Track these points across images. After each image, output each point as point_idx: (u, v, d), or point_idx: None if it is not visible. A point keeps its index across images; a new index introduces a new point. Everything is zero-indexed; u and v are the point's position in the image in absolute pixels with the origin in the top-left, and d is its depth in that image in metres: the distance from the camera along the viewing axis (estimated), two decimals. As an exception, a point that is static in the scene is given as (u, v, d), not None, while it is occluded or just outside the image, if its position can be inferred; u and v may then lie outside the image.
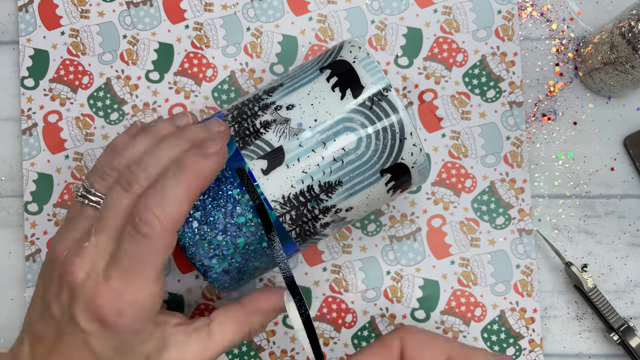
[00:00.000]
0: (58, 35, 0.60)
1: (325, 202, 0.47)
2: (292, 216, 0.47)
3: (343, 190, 0.47)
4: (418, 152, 0.47)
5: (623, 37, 0.52)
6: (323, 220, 0.48)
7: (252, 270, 0.49)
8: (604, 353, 0.59)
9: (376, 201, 0.49)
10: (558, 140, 0.60)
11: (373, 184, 0.47)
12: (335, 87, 0.47)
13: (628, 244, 0.60)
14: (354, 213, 0.49)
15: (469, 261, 0.59)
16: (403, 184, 0.49)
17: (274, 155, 0.46)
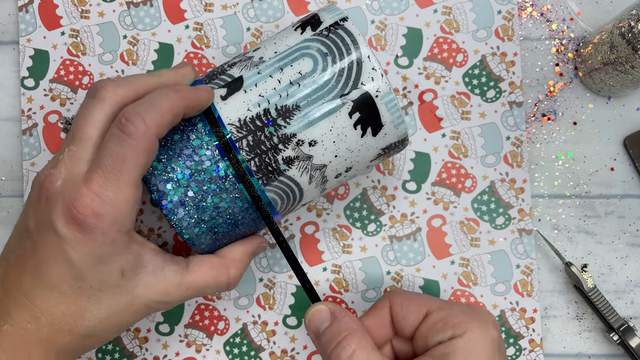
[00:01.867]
0: (58, 36, 0.60)
1: (284, 129, 0.46)
2: (250, 142, 0.46)
3: (302, 116, 0.46)
4: (380, 78, 0.46)
5: (623, 37, 0.52)
6: (284, 153, 0.47)
7: (212, 208, 0.47)
8: (603, 353, 0.59)
9: (344, 139, 0.47)
10: (558, 140, 0.60)
11: (334, 112, 0.47)
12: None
13: (628, 244, 0.60)
14: (321, 152, 0.47)
15: (469, 261, 0.59)
16: (371, 119, 0.47)
17: (233, 84, 0.47)
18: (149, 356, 0.59)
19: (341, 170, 0.49)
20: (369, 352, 0.45)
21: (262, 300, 0.59)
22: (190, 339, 0.59)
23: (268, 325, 0.59)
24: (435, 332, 0.46)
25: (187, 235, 0.47)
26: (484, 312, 0.47)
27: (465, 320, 0.46)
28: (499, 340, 0.46)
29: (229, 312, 0.59)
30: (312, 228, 0.59)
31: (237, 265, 0.49)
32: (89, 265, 0.43)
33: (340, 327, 0.46)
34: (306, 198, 0.50)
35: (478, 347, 0.44)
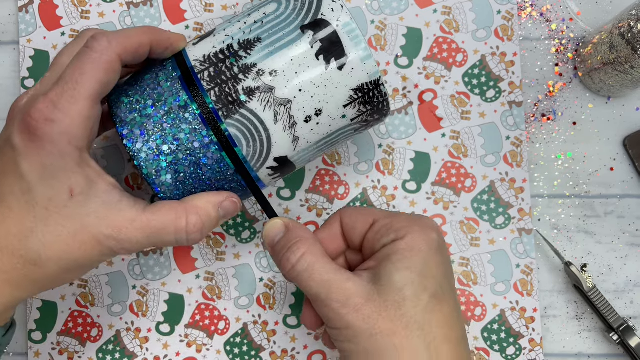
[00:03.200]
0: (58, 36, 0.60)
1: (244, 59, 0.46)
2: (211, 73, 0.46)
3: (263, 47, 0.46)
4: (340, 9, 0.46)
5: (622, 37, 0.52)
6: (245, 83, 0.46)
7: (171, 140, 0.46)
8: (603, 353, 0.59)
9: (307, 70, 0.46)
10: (557, 140, 0.60)
11: (295, 42, 0.46)
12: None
13: (627, 244, 0.60)
14: (283, 83, 0.46)
15: (469, 261, 0.59)
16: (333, 49, 0.46)
17: (206, 35, 0.48)
18: (149, 356, 0.59)
19: (310, 111, 0.47)
20: (319, 256, 0.47)
21: (262, 300, 0.59)
22: (190, 338, 0.59)
23: (268, 325, 0.59)
24: (380, 237, 0.49)
25: (145, 170, 0.46)
26: (425, 219, 0.50)
27: (407, 224, 0.48)
28: (438, 242, 0.48)
29: (230, 312, 0.59)
30: (312, 228, 0.59)
31: (199, 212, 0.47)
32: (38, 177, 0.43)
33: (292, 235, 0.48)
34: (277, 147, 0.47)
35: (417, 247, 0.47)
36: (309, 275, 0.46)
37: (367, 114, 0.49)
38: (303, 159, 0.49)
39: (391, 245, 0.48)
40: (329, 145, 0.50)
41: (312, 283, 0.46)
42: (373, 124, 0.50)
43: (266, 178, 0.49)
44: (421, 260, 0.47)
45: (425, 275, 0.46)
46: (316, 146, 0.49)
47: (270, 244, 0.49)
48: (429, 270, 0.47)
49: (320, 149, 0.50)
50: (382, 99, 0.48)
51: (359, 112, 0.48)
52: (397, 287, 0.45)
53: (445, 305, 0.47)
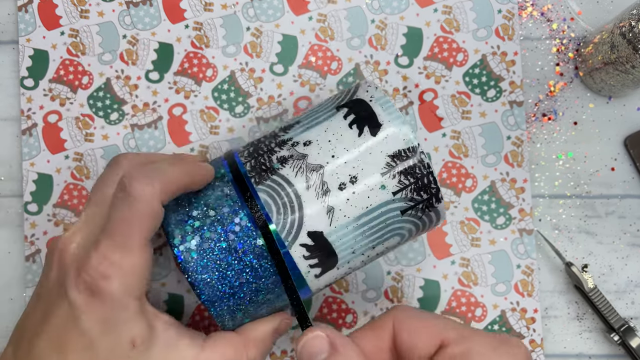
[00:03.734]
0: (58, 35, 0.60)
1: (281, 137, 0.47)
2: (250, 151, 0.47)
3: (300, 126, 0.47)
4: (374, 90, 0.47)
5: (623, 37, 0.52)
6: (279, 153, 0.46)
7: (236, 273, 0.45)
8: (604, 353, 0.59)
9: (339, 138, 0.46)
10: (558, 140, 0.60)
11: (330, 117, 0.47)
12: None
13: (628, 244, 0.59)
14: (315, 150, 0.46)
15: (470, 261, 0.59)
16: (367, 120, 0.46)
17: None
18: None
19: (344, 178, 0.45)
20: None
21: (262, 301, 0.59)
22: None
23: (268, 328, 0.59)
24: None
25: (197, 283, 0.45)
26: (513, 344, 0.40)
27: (493, 355, 0.39)
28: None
29: (229, 312, 0.59)
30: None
31: (258, 345, 0.46)
32: (99, 332, 0.42)
33: None
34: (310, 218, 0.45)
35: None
36: None
37: (410, 188, 0.45)
38: (345, 244, 0.45)
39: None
40: (375, 231, 0.46)
41: None
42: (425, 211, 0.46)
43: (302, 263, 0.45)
44: None
45: None
46: (355, 225, 0.45)
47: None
48: None
49: (364, 233, 0.45)
50: (425, 171, 0.45)
51: (401, 185, 0.45)
52: None
53: None
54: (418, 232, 0.48)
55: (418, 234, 0.49)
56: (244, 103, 0.59)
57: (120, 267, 0.42)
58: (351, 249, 0.46)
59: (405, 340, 0.42)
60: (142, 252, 0.42)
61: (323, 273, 0.46)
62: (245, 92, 0.60)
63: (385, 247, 0.47)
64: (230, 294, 0.45)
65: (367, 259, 0.48)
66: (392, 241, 0.47)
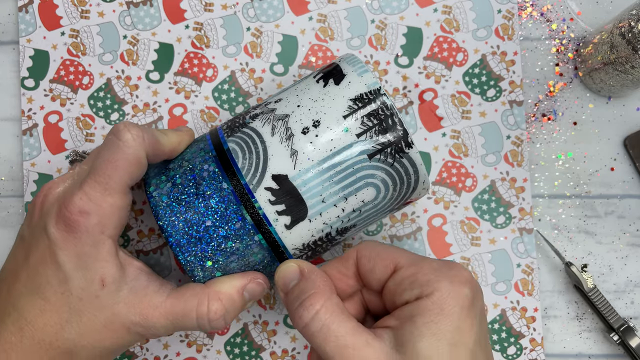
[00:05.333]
0: (58, 36, 0.60)
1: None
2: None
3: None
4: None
5: (623, 37, 0.52)
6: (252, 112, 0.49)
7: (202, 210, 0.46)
8: (604, 353, 0.59)
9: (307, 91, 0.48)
10: (558, 140, 0.60)
11: (302, 81, 0.49)
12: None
13: (628, 244, 0.60)
14: (284, 104, 0.48)
15: (470, 260, 0.59)
16: (333, 74, 0.48)
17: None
18: (149, 356, 0.59)
19: (307, 122, 0.46)
20: (335, 314, 0.42)
21: (262, 300, 0.59)
22: (191, 338, 0.59)
23: (269, 325, 0.59)
24: (402, 290, 0.43)
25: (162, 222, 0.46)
26: (456, 268, 0.44)
27: (435, 278, 0.42)
28: (473, 300, 0.42)
29: (229, 312, 0.59)
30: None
31: (221, 298, 0.46)
32: (73, 267, 0.44)
33: (307, 285, 0.44)
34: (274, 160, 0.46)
35: (447, 308, 0.41)
36: (323, 337, 0.42)
37: (374, 130, 0.45)
38: (312, 189, 0.46)
39: (416, 303, 0.42)
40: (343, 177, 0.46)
41: (327, 347, 0.41)
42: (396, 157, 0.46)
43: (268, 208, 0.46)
44: (451, 325, 0.41)
45: (456, 344, 0.41)
46: (320, 169, 0.45)
47: (284, 290, 0.45)
48: (461, 336, 0.41)
49: (331, 178, 0.46)
50: (388, 112, 0.46)
51: (364, 127, 0.45)
52: (422, 359, 0.40)
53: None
54: (396, 188, 0.47)
55: (400, 195, 0.48)
56: (244, 103, 0.60)
57: (99, 205, 0.44)
58: (320, 197, 0.46)
59: (365, 265, 0.46)
60: (122, 194, 0.45)
61: (294, 224, 0.46)
62: (246, 92, 0.60)
63: (360, 201, 0.47)
64: (198, 238, 0.46)
65: (344, 215, 0.47)
66: (367, 193, 0.46)
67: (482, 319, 0.43)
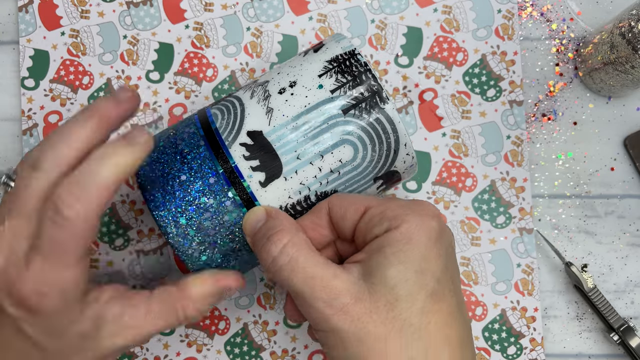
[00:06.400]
0: (58, 36, 0.60)
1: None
2: None
3: None
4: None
5: (623, 37, 0.52)
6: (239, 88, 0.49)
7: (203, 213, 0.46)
8: (604, 353, 0.59)
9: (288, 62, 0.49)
10: (558, 140, 0.60)
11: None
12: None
13: (628, 244, 0.60)
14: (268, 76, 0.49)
15: (470, 260, 0.59)
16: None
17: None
18: (149, 356, 0.59)
19: (284, 84, 0.47)
20: (302, 248, 0.43)
21: (262, 300, 0.59)
22: (191, 338, 0.59)
23: (269, 325, 0.59)
24: (372, 226, 0.44)
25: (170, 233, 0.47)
26: (423, 204, 0.45)
27: (403, 212, 0.44)
28: (438, 230, 0.43)
29: (230, 311, 0.59)
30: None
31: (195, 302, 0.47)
32: (48, 338, 0.42)
33: (273, 223, 0.44)
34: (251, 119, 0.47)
35: (414, 238, 0.42)
36: (291, 269, 0.42)
37: (348, 85, 0.46)
38: (286, 145, 0.46)
39: (384, 235, 0.43)
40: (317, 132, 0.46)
41: (294, 279, 0.42)
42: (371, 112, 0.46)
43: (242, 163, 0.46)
44: (418, 253, 0.42)
45: (423, 271, 0.42)
46: (295, 124, 0.46)
47: (250, 233, 0.45)
48: (427, 264, 0.42)
49: (305, 134, 0.46)
50: (362, 69, 0.46)
51: (338, 83, 0.46)
52: (390, 285, 0.41)
53: (445, 304, 0.42)
54: (375, 148, 0.47)
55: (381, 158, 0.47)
56: (244, 103, 0.60)
57: (55, 283, 0.41)
58: (295, 152, 0.46)
59: (337, 213, 0.46)
60: (78, 264, 0.42)
61: (269, 181, 0.46)
62: (246, 92, 0.60)
63: (338, 160, 0.46)
64: (172, 193, 0.46)
65: (321, 176, 0.46)
66: (344, 152, 0.46)
67: (449, 252, 0.44)
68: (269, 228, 0.44)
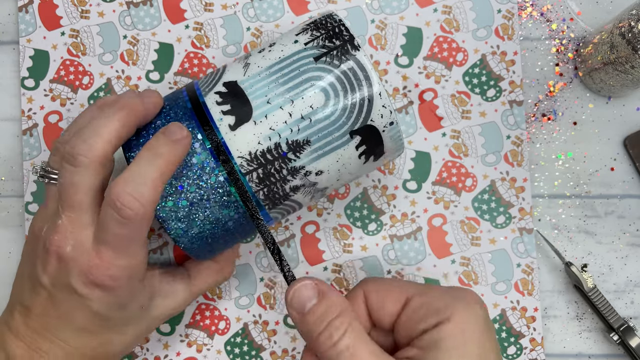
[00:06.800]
0: (58, 36, 0.60)
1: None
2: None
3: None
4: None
5: (623, 37, 0.52)
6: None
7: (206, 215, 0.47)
8: (603, 353, 0.59)
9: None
10: (558, 140, 0.60)
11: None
12: None
13: (628, 244, 0.60)
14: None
15: (470, 260, 0.59)
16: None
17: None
18: (149, 356, 0.59)
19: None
20: (361, 336, 0.41)
21: (262, 300, 0.59)
22: (191, 338, 0.59)
23: (269, 324, 0.59)
24: (418, 319, 0.43)
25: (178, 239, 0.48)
26: (467, 292, 0.44)
27: (449, 303, 0.42)
28: (487, 319, 0.43)
29: (230, 311, 0.59)
30: (312, 227, 0.59)
31: (232, 262, 0.56)
32: (112, 311, 0.47)
33: (330, 305, 0.42)
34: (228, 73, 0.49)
35: (468, 330, 0.41)
36: (350, 357, 0.40)
37: (321, 38, 0.47)
38: (258, 90, 0.47)
39: (436, 329, 0.41)
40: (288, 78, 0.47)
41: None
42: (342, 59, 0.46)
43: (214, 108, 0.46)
44: (476, 345, 0.41)
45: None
46: (268, 72, 0.47)
47: (299, 311, 0.42)
48: (486, 354, 0.41)
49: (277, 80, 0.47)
50: (336, 24, 0.48)
51: (312, 37, 0.48)
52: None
53: None
54: (347, 95, 0.46)
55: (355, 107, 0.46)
56: (244, 103, 0.60)
57: (126, 269, 0.46)
58: (265, 97, 0.46)
59: (374, 302, 0.45)
60: (143, 249, 0.47)
61: (238, 124, 0.46)
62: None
63: (309, 106, 0.46)
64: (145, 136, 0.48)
65: (292, 122, 0.46)
66: (315, 97, 0.46)
67: (495, 335, 0.44)
68: (327, 312, 0.42)
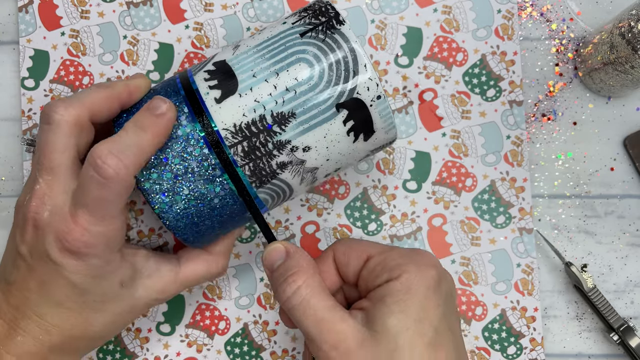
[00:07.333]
0: (58, 36, 0.60)
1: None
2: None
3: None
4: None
5: (623, 37, 0.52)
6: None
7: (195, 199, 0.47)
8: (603, 353, 0.59)
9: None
10: (558, 140, 0.60)
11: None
12: None
13: (628, 244, 0.60)
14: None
15: (470, 260, 0.59)
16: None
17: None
18: (150, 356, 0.59)
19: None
20: (316, 290, 0.45)
21: (263, 300, 0.59)
22: (191, 338, 0.59)
23: (269, 325, 0.59)
24: (374, 276, 0.46)
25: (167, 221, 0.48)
26: (423, 254, 0.47)
27: (402, 263, 0.46)
28: (437, 279, 0.45)
29: (230, 311, 0.59)
30: (312, 228, 0.59)
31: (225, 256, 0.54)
32: (90, 283, 0.47)
33: (291, 263, 0.46)
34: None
35: (413, 288, 0.44)
36: (302, 310, 0.44)
37: (309, 17, 0.48)
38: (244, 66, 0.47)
39: (386, 285, 0.45)
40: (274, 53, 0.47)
41: (305, 320, 0.44)
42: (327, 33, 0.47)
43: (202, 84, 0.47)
44: (417, 303, 0.44)
45: (422, 320, 0.44)
46: (255, 50, 0.48)
47: (270, 269, 0.47)
48: (426, 313, 0.44)
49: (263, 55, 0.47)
50: (323, 5, 0.49)
51: (300, 17, 0.49)
52: (391, 334, 0.43)
53: (442, 352, 0.44)
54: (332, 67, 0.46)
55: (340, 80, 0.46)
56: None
57: (101, 235, 0.46)
58: (251, 71, 0.47)
59: (341, 260, 0.49)
60: (120, 216, 0.46)
61: (224, 97, 0.47)
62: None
63: (293, 78, 0.46)
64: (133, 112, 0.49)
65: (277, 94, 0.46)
66: (300, 70, 0.46)
67: (448, 300, 0.46)
68: (287, 269, 0.46)
